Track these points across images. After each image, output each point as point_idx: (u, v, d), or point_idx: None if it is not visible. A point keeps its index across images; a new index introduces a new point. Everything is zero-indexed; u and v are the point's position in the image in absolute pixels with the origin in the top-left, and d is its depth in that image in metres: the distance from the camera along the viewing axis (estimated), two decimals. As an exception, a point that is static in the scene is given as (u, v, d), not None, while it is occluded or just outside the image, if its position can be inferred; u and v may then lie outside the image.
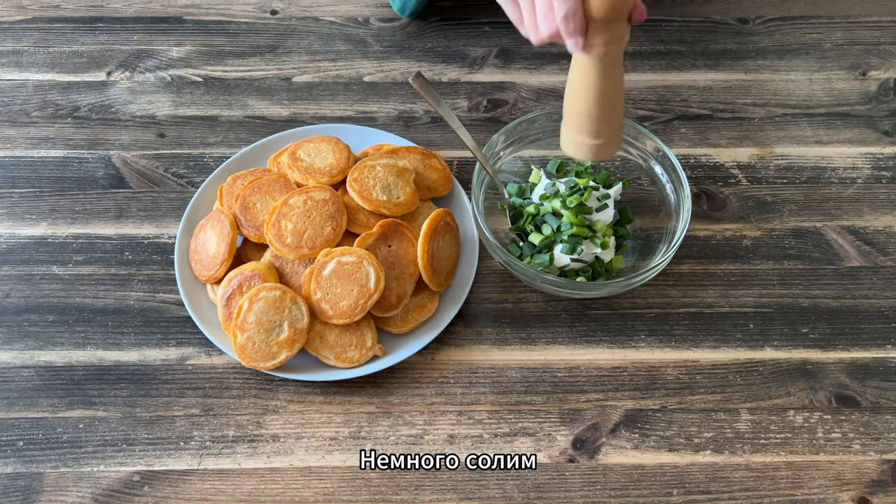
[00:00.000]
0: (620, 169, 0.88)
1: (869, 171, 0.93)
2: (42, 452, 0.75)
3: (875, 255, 0.87)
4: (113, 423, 0.77)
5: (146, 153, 0.93)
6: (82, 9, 1.05)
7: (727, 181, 0.92)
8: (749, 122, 0.96)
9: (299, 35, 1.03)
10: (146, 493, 0.73)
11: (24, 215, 0.89)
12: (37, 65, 1.00)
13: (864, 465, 0.75)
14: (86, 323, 0.82)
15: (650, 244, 0.84)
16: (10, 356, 0.80)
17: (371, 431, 0.77)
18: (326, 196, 0.81)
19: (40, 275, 0.85)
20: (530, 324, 0.82)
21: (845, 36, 1.04)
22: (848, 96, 0.99)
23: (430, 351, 0.81)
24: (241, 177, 0.86)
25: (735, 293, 0.84)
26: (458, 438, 0.76)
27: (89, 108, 0.97)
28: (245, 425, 0.77)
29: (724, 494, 0.74)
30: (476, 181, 0.82)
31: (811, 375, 0.80)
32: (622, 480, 0.74)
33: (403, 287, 0.80)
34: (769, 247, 0.87)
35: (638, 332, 0.82)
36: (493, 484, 0.74)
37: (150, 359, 0.80)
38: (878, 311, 0.83)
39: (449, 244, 0.83)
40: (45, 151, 0.93)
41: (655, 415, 0.78)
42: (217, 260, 0.80)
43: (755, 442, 0.76)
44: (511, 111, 0.97)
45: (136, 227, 0.88)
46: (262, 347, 0.76)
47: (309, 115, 0.96)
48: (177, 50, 1.02)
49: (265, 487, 0.74)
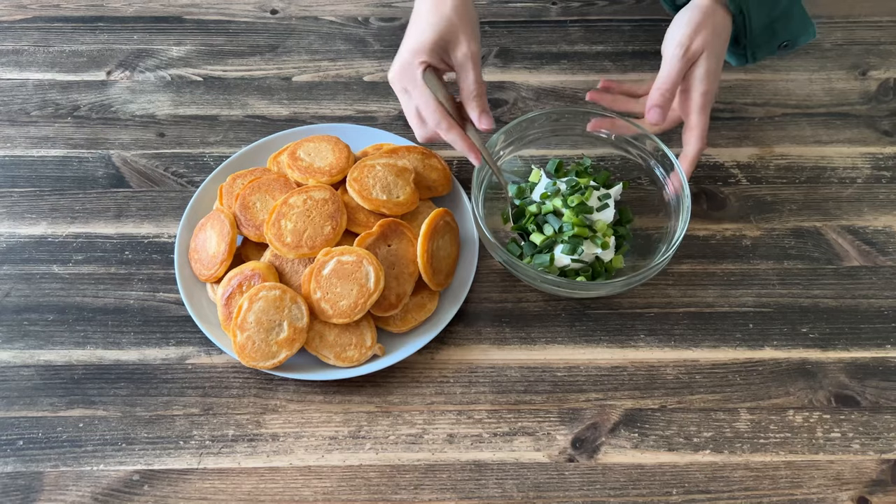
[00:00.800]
0: (620, 169, 0.88)
1: (869, 170, 0.93)
2: (42, 452, 0.75)
3: (875, 255, 0.87)
4: (113, 423, 0.77)
5: (146, 153, 0.93)
6: (82, 8, 1.05)
7: (727, 181, 0.92)
8: (749, 121, 0.96)
9: (299, 35, 1.03)
10: (146, 492, 0.73)
11: (24, 215, 0.89)
12: (37, 64, 1.00)
13: (864, 464, 0.75)
14: (86, 322, 0.82)
15: (650, 244, 0.84)
16: (10, 355, 0.80)
17: (371, 431, 0.77)
18: (326, 195, 0.81)
19: (40, 274, 0.85)
20: (530, 323, 0.82)
21: (845, 36, 1.04)
22: (848, 96, 0.99)
23: (429, 350, 0.81)
24: (241, 176, 0.86)
25: (735, 293, 0.84)
26: (457, 438, 0.76)
27: (89, 108, 0.97)
28: (245, 424, 0.77)
29: (723, 494, 0.74)
30: (476, 181, 0.82)
31: (811, 375, 0.80)
32: (621, 480, 0.74)
33: (403, 286, 0.80)
34: (769, 246, 0.87)
35: (638, 331, 0.82)
36: (492, 483, 0.74)
37: (150, 358, 0.80)
38: (877, 310, 0.83)
39: (449, 244, 0.83)
40: (45, 151, 0.93)
41: (655, 414, 0.78)
42: (217, 259, 0.80)
43: (754, 441, 0.76)
44: (511, 111, 0.97)
45: (136, 226, 0.88)
46: (261, 347, 0.76)
47: (309, 114, 0.96)
48: (177, 49, 1.02)
49: (265, 486, 0.74)
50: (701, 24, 0.80)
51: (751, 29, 0.83)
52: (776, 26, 0.85)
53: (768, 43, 0.87)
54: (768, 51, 0.88)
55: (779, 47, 0.88)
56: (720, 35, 0.81)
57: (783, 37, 0.87)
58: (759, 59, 0.88)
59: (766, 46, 0.87)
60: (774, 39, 0.87)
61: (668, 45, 0.81)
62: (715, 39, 0.81)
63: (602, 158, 0.89)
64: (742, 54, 0.87)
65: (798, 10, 0.86)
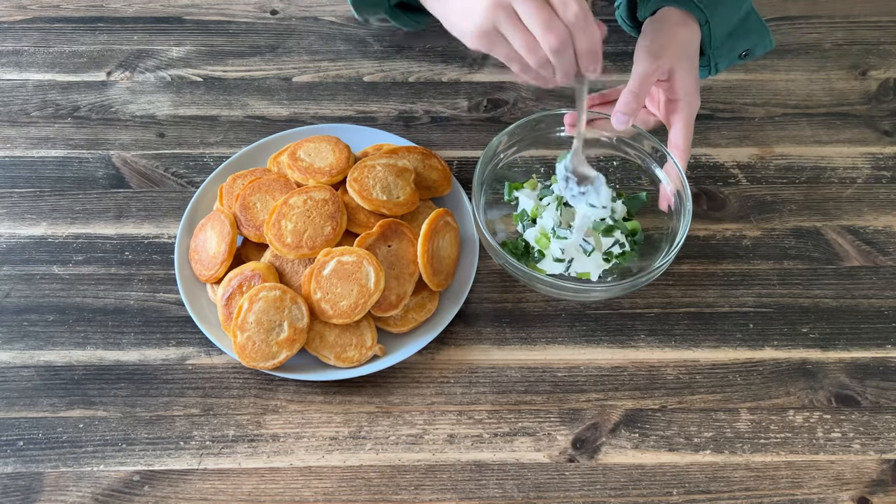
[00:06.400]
0: (620, 169, 0.88)
1: (869, 170, 0.93)
2: (42, 452, 0.75)
3: (875, 255, 0.87)
4: (113, 423, 0.77)
5: (146, 153, 0.93)
6: (82, 9, 1.05)
7: (727, 181, 0.92)
8: (749, 121, 0.96)
9: (299, 35, 1.04)
10: (146, 492, 0.73)
11: (24, 215, 0.89)
12: (37, 65, 1.00)
13: (864, 464, 0.75)
14: (86, 323, 0.82)
15: (651, 244, 0.84)
16: (10, 356, 0.80)
17: (371, 431, 0.77)
18: (326, 196, 0.81)
19: (40, 275, 0.85)
20: (530, 323, 0.82)
21: (845, 36, 1.04)
22: (848, 96, 0.99)
23: (430, 351, 0.81)
24: (241, 177, 0.86)
25: (735, 293, 0.84)
26: (458, 438, 0.76)
27: (89, 108, 0.97)
28: (245, 425, 0.77)
29: (723, 494, 0.74)
30: (476, 182, 0.81)
31: (811, 375, 0.80)
32: (622, 480, 0.74)
33: (403, 287, 0.80)
34: (769, 247, 0.87)
35: (638, 331, 0.82)
36: (493, 484, 0.74)
37: (150, 358, 0.80)
38: (878, 310, 0.83)
39: (449, 244, 0.83)
40: (45, 151, 0.93)
41: (655, 414, 0.78)
42: (217, 260, 0.80)
43: (755, 442, 0.76)
44: (511, 111, 0.97)
45: (136, 226, 0.88)
46: (262, 347, 0.76)
47: (309, 114, 0.96)
48: (177, 50, 1.02)
49: (265, 487, 0.74)
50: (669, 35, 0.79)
51: (713, 38, 0.82)
52: (736, 35, 0.84)
53: (729, 53, 0.86)
54: (729, 60, 0.87)
55: (739, 56, 0.87)
56: (691, 44, 0.80)
57: (742, 46, 0.86)
58: (721, 69, 0.87)
59: (727, 57, 0.86)
60: (735, 49, 0.86)
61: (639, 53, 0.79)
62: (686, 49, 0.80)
63: (602, 159, 0.89)
64: (706, 66, 0.86)
65: (754, 18, 0.85)
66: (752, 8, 0.84)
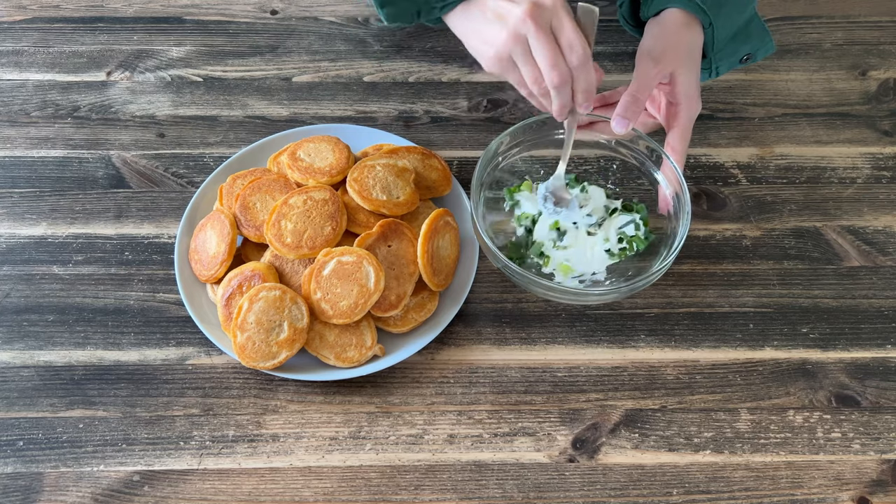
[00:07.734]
0: (620, 169, 0.88)
1: (869, 171, 0.93)
2: (42, 452, 0.75)
3: (875, 255, 0.87)
4: (113, 423, 0.77)
5: (146, 153, 0.93)
6: (82, 9, 1.05)
7: (727, 181, 0.92)
8: (749, 121, 0.96)
9: (299, 35, 1.04)
10: (146, 492, 0.73)
11: (24, 215, 0.89)
12: (37, 65, 1.00)
13: (864, 464, 0.75)
14: (86, 323, 0.82)
15: (651, 245, 0.84)
16: (10, 356, 0.80)
17: (371, 431, 0.77)
18: (326, 196, 0.81)
19: (40, 275, 0.85)
20: (530, 324, 0.82)
21: (845, 36, 1.04)
22: (848, 96, 0.99)
23: (430, 351, 0.81)
24: (241, 177, 0.86)
25: (735, 293, 0.84)
26: (458, 438, 0.76)
27: (89, 108, 0.97)
28: (245, 425, 0.77)
29: (723, 494, 0.74)
30: (475, 184, 0.81)
31: (811, 375, 0.80)
32: (622, 480, 0.74)
33: (403, 287, 0.80)
34: (769, 247, 0.87)
35: (638, 331, 0.82)
36: (493, 484, 0.74)
37: (150, 359, 0.80)
38: (878, 310, 0.83)
39: (449, 244, 0.83)
40: (45, 151, 0.93)
41: (655, 415, 0.78)
42: (217, 260, 0.80)
43: (755, 442, 0.76)
44: (511, 111, 0.97)
45: (136, 227, 0.88)
46: (262, 347, 0.76)
47: (309, 115, 0.96)
48: (177, 50, 1.02)
49: (265, 487, 0.74)
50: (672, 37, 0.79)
51: (716, 41, 0.82)
52: (739, 38, 0.84)
53: (731, 57, 0.86)
54: (731, 64, 0.86)
55: (740, 61, 0.87)
56: (694, 47, 0.80)
57: (744, 50, 0.86)
58: (722, 73, 0.87)
59: (729, 60, 0.86)
60: (737, 53, 0.85)
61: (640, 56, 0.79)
62: (688, 53, 0.80)
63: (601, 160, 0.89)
64: (707, 69, 0.86)
65: (756, 22, 0.85)
66: (755, 11, 0.84)
